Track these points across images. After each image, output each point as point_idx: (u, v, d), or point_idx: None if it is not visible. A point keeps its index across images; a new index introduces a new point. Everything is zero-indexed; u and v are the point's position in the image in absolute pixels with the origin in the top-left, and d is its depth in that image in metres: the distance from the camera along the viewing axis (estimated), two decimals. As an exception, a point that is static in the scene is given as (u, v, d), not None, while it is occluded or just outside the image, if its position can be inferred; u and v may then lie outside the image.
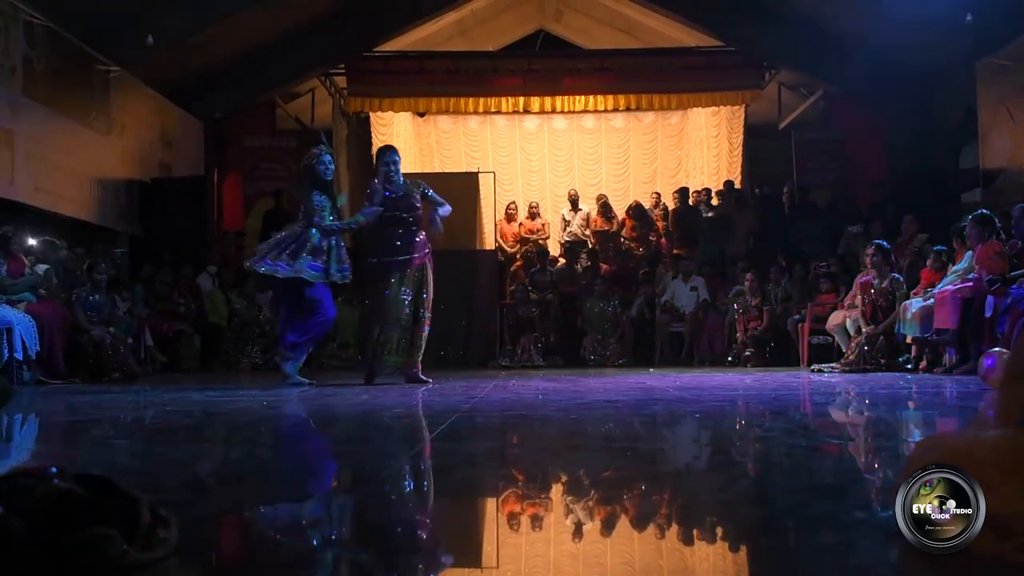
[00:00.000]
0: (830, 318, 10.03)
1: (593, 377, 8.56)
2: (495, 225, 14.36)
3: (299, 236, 7.26)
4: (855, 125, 14.84)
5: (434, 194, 7.58)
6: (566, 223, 14.80)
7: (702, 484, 2.68)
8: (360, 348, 8.00)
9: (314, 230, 7.25)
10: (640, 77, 15.22)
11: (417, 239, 7.45)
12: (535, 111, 15.94)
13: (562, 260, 13.81)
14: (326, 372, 10.59)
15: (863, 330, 9.29)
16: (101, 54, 11.26)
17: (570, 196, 15.13)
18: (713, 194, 14.38)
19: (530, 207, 14.82)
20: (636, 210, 14.62)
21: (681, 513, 2.23)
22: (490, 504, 2.36)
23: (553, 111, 16.00)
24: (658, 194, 15.29)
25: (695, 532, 2.00)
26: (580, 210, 14.85)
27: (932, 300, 8.45)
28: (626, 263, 13.66)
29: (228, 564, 1.80)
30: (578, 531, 2.03)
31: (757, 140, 16.03)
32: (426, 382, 7.32)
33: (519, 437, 4.01)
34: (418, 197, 7.49)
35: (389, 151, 7.76)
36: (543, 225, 14.75)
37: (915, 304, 8.74)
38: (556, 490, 2.56)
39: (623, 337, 12.25)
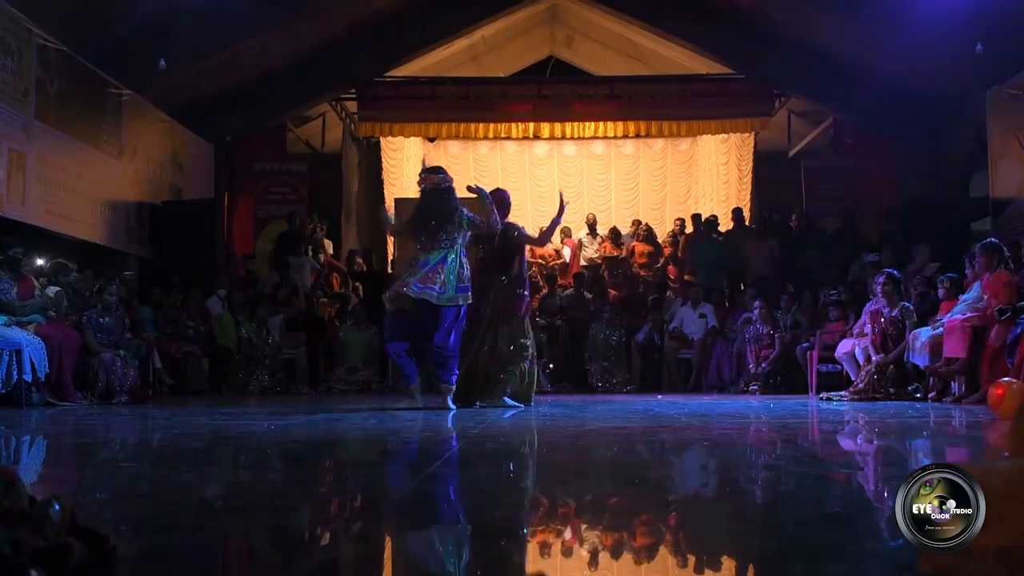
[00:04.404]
0: (839, 346, 9.99)
1: (601, 404, 8.54)
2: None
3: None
4: (865, 153, 14.84)
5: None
6: (581, 247, 14.75)
7: (710, 513, 2.67)
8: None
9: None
10: (650, 104, 15.26)
11: None
12: (545, 137, 15.98)
13: (571, 287, 13.70)
14: (333, 396, 10.58)
15: (872, 358, 9.25)
16: (113, 77, 11.33)
17: (588, 221, 15.06)
18: (720, 220, 14.28)
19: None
20: (647, 233, 14.58)
21: (689, 542, 2.22)
22: (495, 532, 2.35)
23: (563, 137, 16.03)
24: (681, 219, 15.05)
25: (703, 562, 1.99)
26: (597, 235, 14.78)
27: (941, 329, 8.42)
28: (635, 289, 13.63)
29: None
30: (584, 561, 2.02)
31: (766, 167, 16.06)
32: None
33: (525, 463, 4.00)
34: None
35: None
36: (556, 251, 14.65)
37: (924, 333, 8.71)
38: (562, 518, 2.55)
39: (630, 364, 12.22)
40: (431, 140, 16.37)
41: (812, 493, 2.90)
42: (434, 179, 7.30)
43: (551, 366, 12.05)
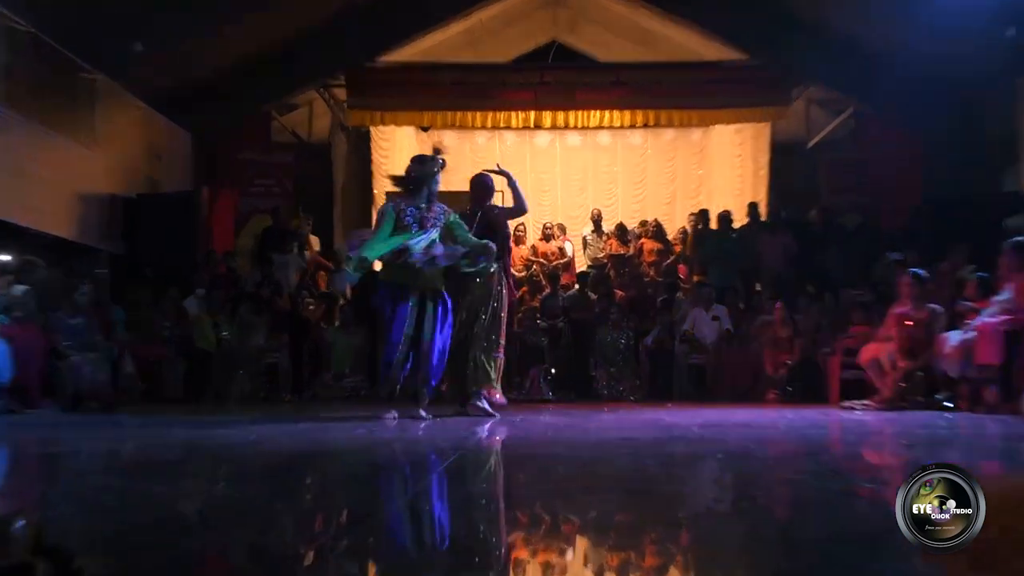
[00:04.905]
0: (862, 351, 9.95)
1: (607, 413, 8.52)
2: (502, 248, 14.30)
3: None
4: (888, 145, 14.81)
5: None
6: (586, 245, 14.72)
7: (725, 531, 2.65)
8: None
9: None
10: (659, 92, 15.23)
11: None
12: (547, 127, 15.95)
13: (576, 286, 13.64)
14: (318, 403, 10.56)
15: (898, 365, 9.22)
16: (86, 61, 11.31)
17: (593, 216, 15.02)
18: (734, 215, 14.23)
19: (544, 228, 14.72)
20: (656, 230, 14.57)
21: (701, 563, 2.20)
22: (494, 550, 2.33)
23: (566, 127, 16.00)
24: (694, 215, 14.91)
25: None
26: (603, 232, 14.73)
27: (973, 333, 8.36)
28: (643, 289, 13.59)
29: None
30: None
31: (783, 159, 16.04)
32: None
33: (526, 477, 3.98)
34: None
35: None
36: (559, 249, 14.55)
37: (954, 337, 8.65)
38: (565, 537, 2.53)
39: (639, 370, 12.14)
40: (425, 130, 16.34)
41: (834, 510, 2.89)
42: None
43: (553, 372, 11.99)
